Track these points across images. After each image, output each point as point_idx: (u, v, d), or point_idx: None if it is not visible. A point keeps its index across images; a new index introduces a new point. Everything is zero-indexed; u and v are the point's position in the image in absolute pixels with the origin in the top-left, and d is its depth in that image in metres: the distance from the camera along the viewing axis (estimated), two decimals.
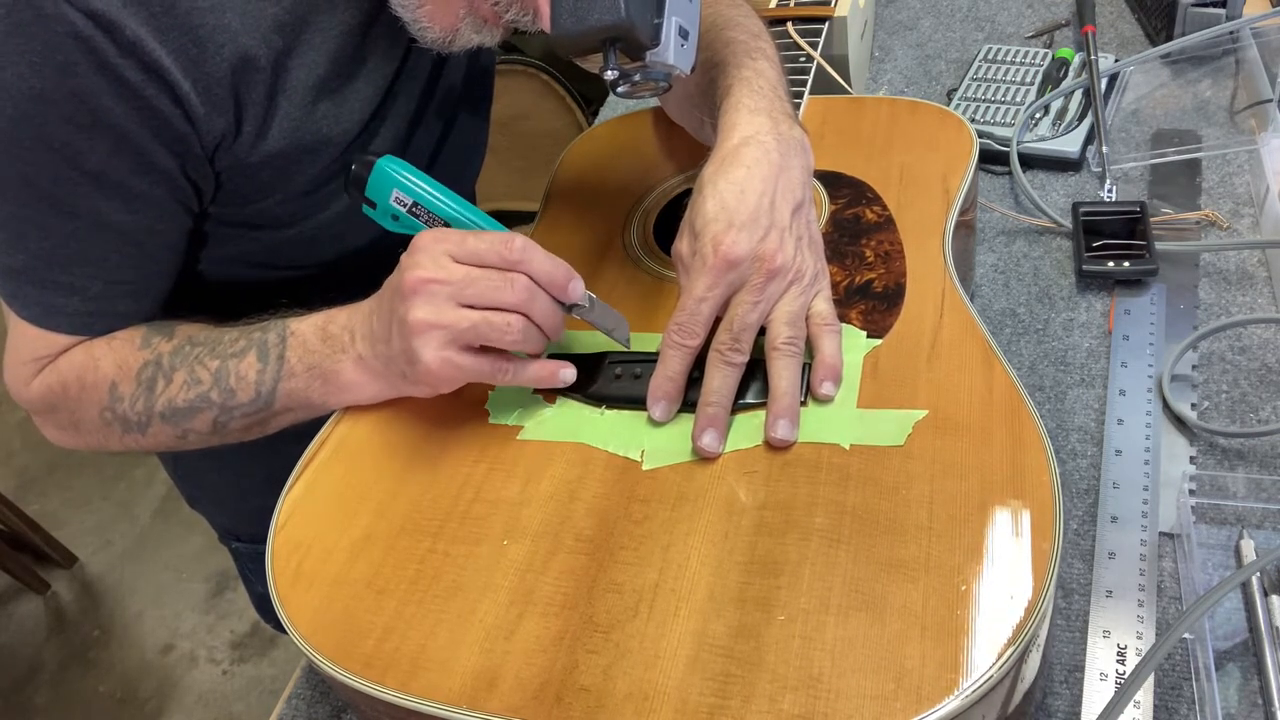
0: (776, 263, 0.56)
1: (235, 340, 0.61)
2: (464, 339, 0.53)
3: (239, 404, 0.60)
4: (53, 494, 2.15)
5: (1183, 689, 0.55)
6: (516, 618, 0.48)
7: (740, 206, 0.57)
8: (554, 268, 0.55)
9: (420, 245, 0.54)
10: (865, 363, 0.57)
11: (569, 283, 0.55)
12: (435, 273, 0.53)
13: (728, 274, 0.56)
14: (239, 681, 1.78)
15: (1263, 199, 0.80)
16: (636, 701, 0.44)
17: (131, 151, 0.57)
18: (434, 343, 0.53)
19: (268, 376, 0.60)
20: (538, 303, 0.54)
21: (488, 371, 0.55)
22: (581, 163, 0.81)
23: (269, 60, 0.59)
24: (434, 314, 0.53)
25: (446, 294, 0.53)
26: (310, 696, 0.64)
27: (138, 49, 0.54)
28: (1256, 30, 0.90)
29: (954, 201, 0.66)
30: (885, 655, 0.43)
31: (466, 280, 0.53)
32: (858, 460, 0.52)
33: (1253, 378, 0.69)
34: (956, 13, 1.11)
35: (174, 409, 0.61)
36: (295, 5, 0.59)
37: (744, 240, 0.56)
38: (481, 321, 0.53)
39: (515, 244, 0.54)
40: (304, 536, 0.54)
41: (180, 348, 0.62)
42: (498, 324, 0.53)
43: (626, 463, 0.54)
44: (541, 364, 0.57)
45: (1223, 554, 0.60)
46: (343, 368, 0.58)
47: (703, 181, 0.59)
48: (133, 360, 0.62)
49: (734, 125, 0.61)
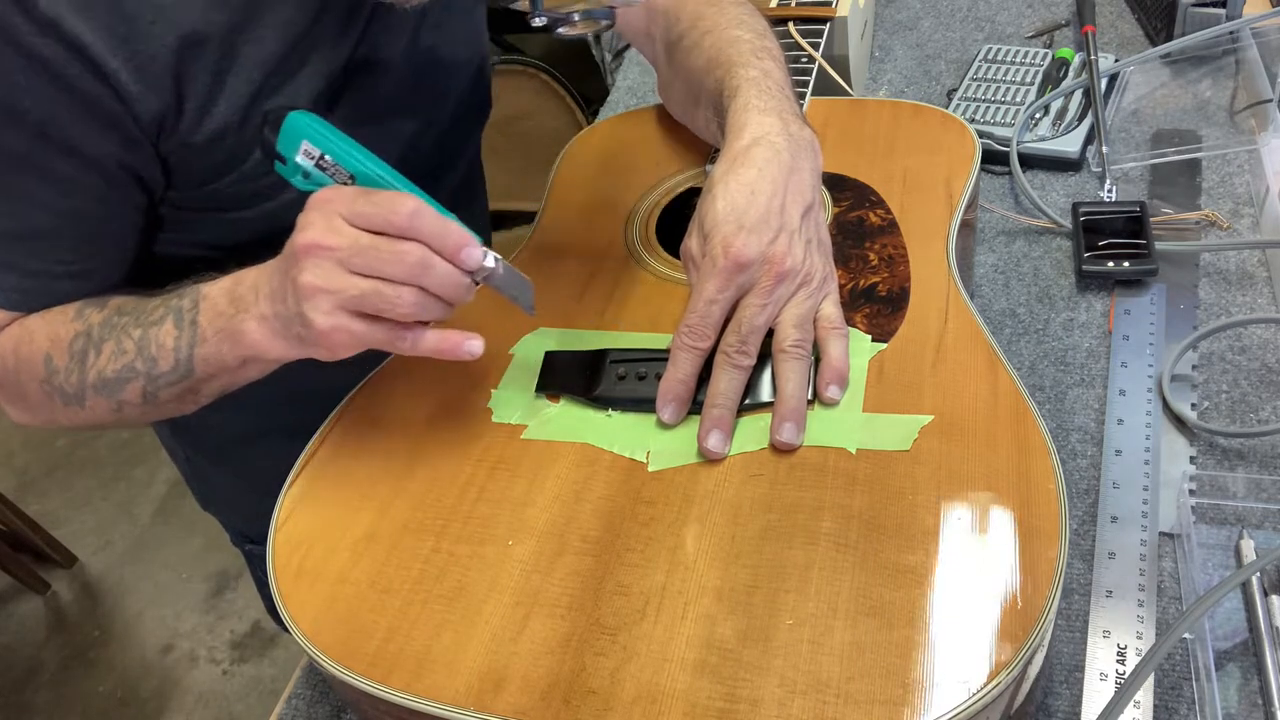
0: (785, 265, 0.56)
1: (156, 308, 0.60)
2: (354, 305, 0.51)
3: (162, 373, 0.59)
4: (53, 494, 2.15)
5: (1183, 689, 0.55)
6: (523, 619, 0.48)
7: (750, 208, 0.57)
8: (444, 233, 0.51)
9: (313, 204, 0.52)
10: (870, 367, 0.57)
11: (460, 250, 0.51)
12: (324, 237, 0.50)
13: (737, 276, 0.56)
14: (239, 681, 1.78)
15: (1263, 199, 0.80)
16: (644, 704, 0.44)
17: (56, 133, 0.56)
18: (323, 307, 0.51)
19: (184, 343, 0.58)
20: (432, 272, 0.51)
21: (384, 339, 0.53)
22: (582, 162, 0.81)
23: (218, 37, 0.58)
24: (323, 279, 0.51)
25: (335, 259, 0.50)
26: (310, 696, 0.64)
27: (57, 27, 0.53)
28: (1256, 30, 0.91)
29: (957, 206, 0.66)
30: (893, 660, 0.44)
31: (355, 248, 0.50)
32: (864, 465, 0.52)
33: (1253, 378, 0.70)
34: (956, 13, 1.11)
35: (104, 380, 0.61)
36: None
37: (754, 243, 0.56)
38: (371, 291, 0.50)
39: (404, 209, 0.50)
40: (305, 534, 0.54)
41: (109, 319, 0.61)
42: (388, 295, 0.51)
43: (632, 464, 0.54)
44: (444, 335, 0.53)
45: (1223, 554, 0.60)
46: (248, 327, 0.55)
47: (713, 181, 0.59)
48: (64, 332, 0.62)
49: (744, 125, 0.61)
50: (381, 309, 0.51)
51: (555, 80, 1.94)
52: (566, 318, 0.65)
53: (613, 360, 0.60)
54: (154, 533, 2.05)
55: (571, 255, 0.70)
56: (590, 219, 0.74)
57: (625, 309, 0.64)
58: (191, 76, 0.58)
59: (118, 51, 0.55)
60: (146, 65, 0.56)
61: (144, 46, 0.56)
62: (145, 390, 0.60)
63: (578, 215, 0.75)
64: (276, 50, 0.61)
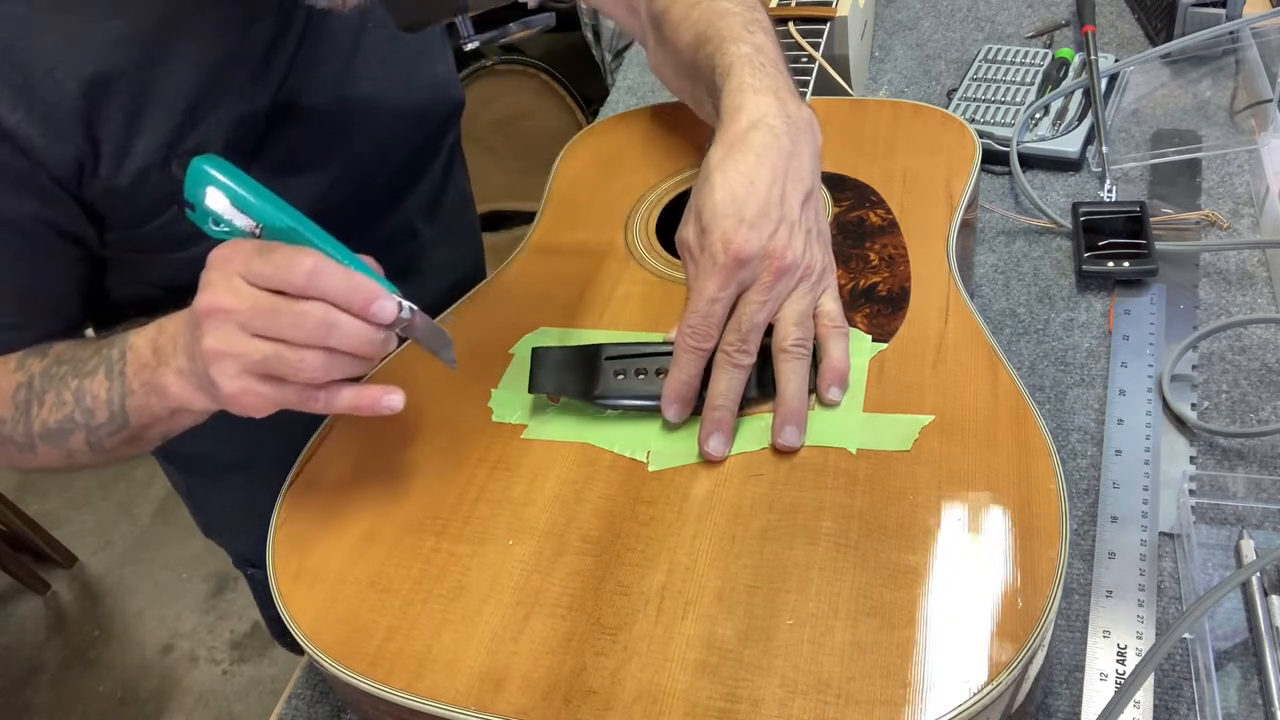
0: (786, 260, 0.55)
1: (90, 358, 0.58)
2: (259, 369, 0.49)
3: (100, 424, 0.58)
4: (53, 494, 2.15)
5: (1183, 689, 0.55)
6: (523, 619, 0.48)
7: (750, 199, 0.55)
8: (350, 289, 0.48)
9: (213, 262, 0.49)
10: (871, 367, 0.57)
11: (370, 305, 0.48)
12: (223, 299, 0.48)
13: (738, 273, 0.55)
14: (239, 681, 1.78)
15: (1263, 199, 0.80)
16: (645, 704, 0.44)
17: None
18: (228, 371, 0.49)
19: (115, 394, 0.57)
20: (338, 331, 0.48)
21: (295, 401, 0.50)
22: (582, 161, 0.81)
23: (127, 75, 0.57)
24: (225, 343, 0.48)
25: (235, 322, 0.48)
26: (310, 696, 0.64)
27: None
28: (1256, 30, 0.91)
29: (957, 206, 0.66)
30: (894, 660, 0.44)
31: (254, 310, 0.48)
32: (865, 465, 0.52)
33: (1253, 378, 0.70)
34: (956, 13, 1.11)
35: (48, 430, 0.60)
36: (145, 13, 0.57)
37: (754, 238, 0.55)
38: (273, 355, 0.48)
39: (302, 269, 0.47)
40: (305, 533, 0.54)
41: (49, 368, 0.60)
42: (290, 359, 0.48)
43: (632, 464, 0.55)
44: (360, 392, 0.51)
45: (1223, 554, 0.60)
46: (168, 381, 0.54)
47: (709, 168, 0.57)
48: (7, 384, 0.61)
49: (739, 107, 0.58)
50: (286, 373, 0.49)
51: (555, 80, 1.95)
52: (567, 318, 0.65)
53: (607, 356, 0.58)
54: (154, 533, 2.05)
55: (571, 255, 0.70)
56: (590, 219, 0.74)
57: (625, 309, 0.64)
58: (104, 118, 0.57)
59: (17, 105, 0.53)
60: (50, 114, 0.55)
61: (45, 95, 0.54)
62: (89, 440, 0.59)
63: (578, 215, 0.75)
64: (193, 84, 0.59)
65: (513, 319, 0.66)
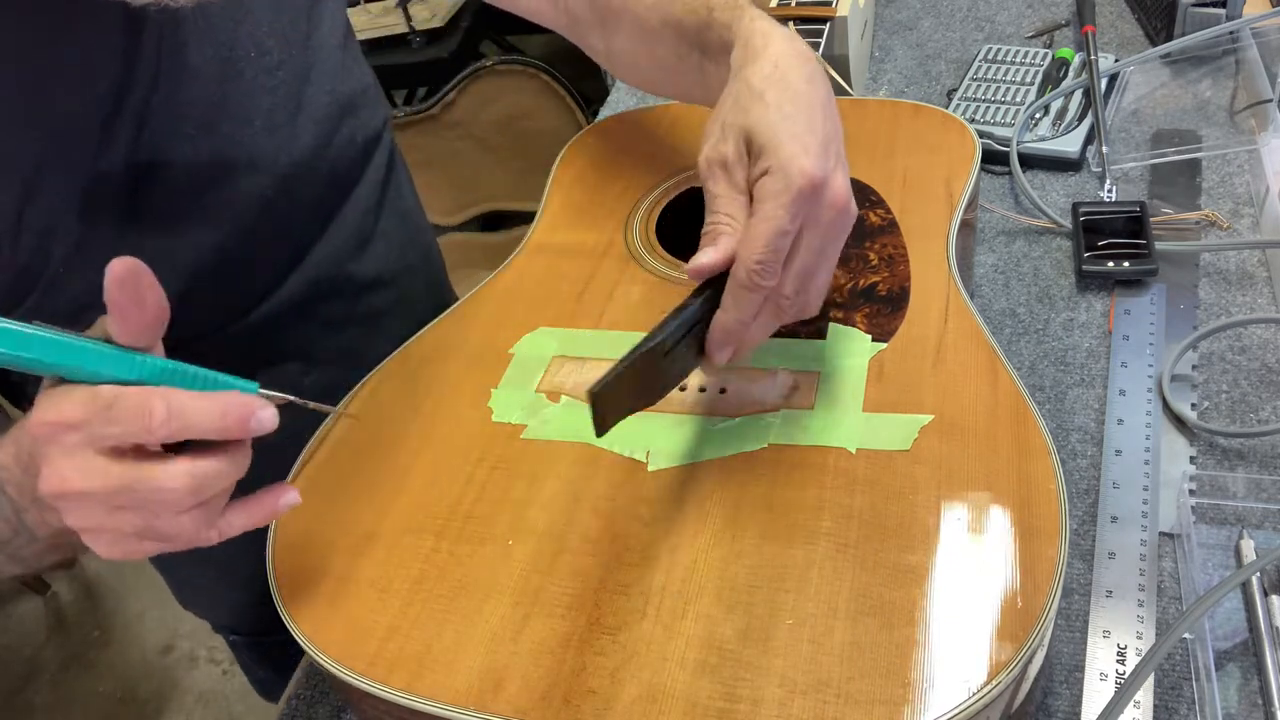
0: (850, 207, 0.49)
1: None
2: (138, 536, 0.44)
3: (7, 540, 0.51)
4: None
5: (1183, 689, 0.55)
6: (523, 618, 0.48)
7: (812, 127, 0.48)
8: (219, 418, 0.42)
9: (45, 437, 0.42)
10: (870, 366, 0.57)
11: (246, 423, 0.43)
12: (73, 480, 0.41)
13: (810, 205, 0.48)
14: (239, 681, 1.78)
15: (1263, 199, 0.80)
16: (645, 704, 0.44)
17: None
18: (105, 541, 0.44)
19: (8, 510, 0.49)
20: (209, 483, 0.43)
21: (185, 546, 0.46)
22: (582, 161, 0.81)
23: None
24: (93, 522, 0.43)
25: (96, 503, 0.42)
26: (310, 696, 0.64)
27: None
28: (1256, 30, 0.91)
29: (957, 206, 0.66)
30: (894, 660, 0.44)
31: (114, 490, 0.42)
32: (864, 465, 0.52)
33: (1253, 378, 0.70)
34: (956, 13, 1.11)
35: None
36: None
37: (821, 167, 0.47)
38: (146, 529, 0.44)
39: (156, 419, 0.41)
40: (304, 533, 0.54)
41: None
42: (167, 532, 0.44)
43: (632, 463, 0.55)
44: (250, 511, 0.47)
45: (1223, 554, 0.60)
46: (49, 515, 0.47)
47: (749, 84, 0.50)
48: None
49: (766, 33, 0.52)
50: (164, 545, 0.45)
51: (555, 80, 1.95)
52: (566, 318, 0.65)
53: (664, 353, 0.51)
54: None
55: (571, 255, 0.70)
56: (590, 219, 0.74)
57: (626, 309, 0.64)
58: None
59: None
60: None
61: None
62: (12, 555, 0.53)
63: (578, 215, 0.75)
64: (29, 149, 0.55)
65: (512, 319, 0.66)
